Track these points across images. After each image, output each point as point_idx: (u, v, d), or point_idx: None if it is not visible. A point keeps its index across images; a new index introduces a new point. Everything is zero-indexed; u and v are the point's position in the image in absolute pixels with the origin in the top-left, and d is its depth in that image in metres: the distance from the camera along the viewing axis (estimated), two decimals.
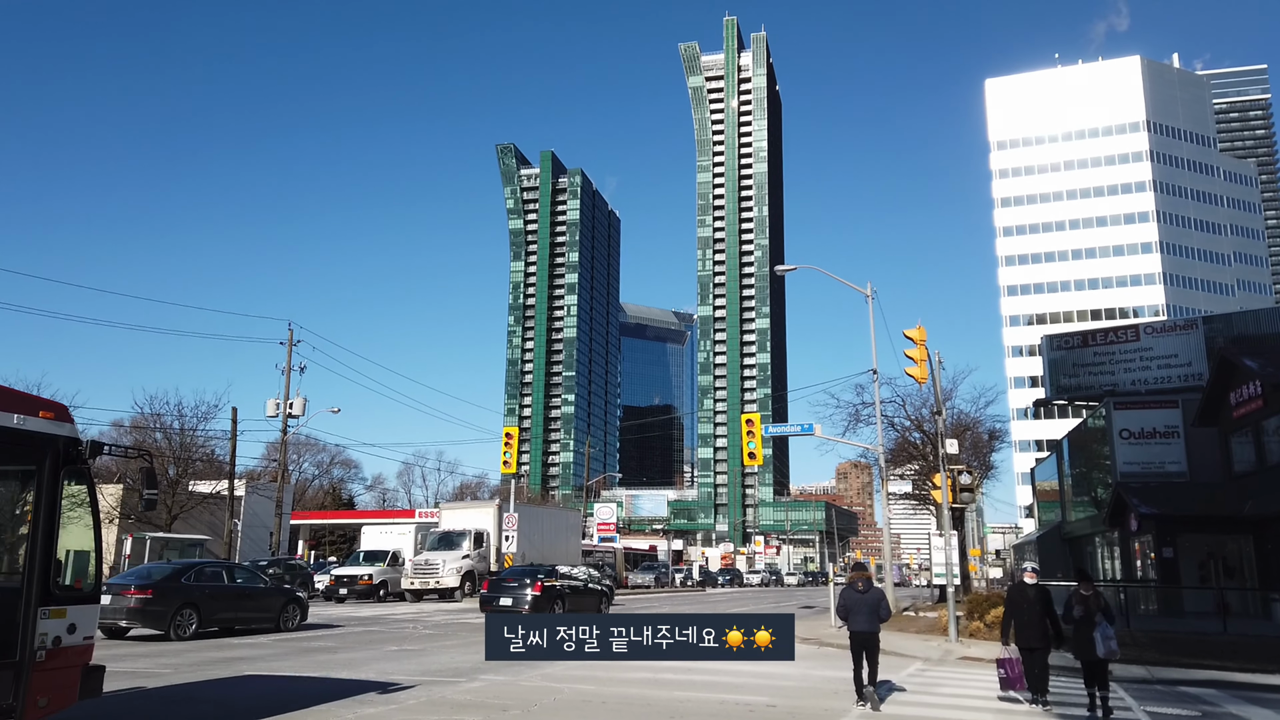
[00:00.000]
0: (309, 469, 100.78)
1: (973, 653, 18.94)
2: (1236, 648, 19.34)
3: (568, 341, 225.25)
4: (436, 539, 36.16)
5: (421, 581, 34.16)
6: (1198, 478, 31.47)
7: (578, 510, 50.40)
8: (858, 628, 12.51)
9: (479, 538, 36.04)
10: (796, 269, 32.42)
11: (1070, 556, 42.92)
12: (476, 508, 41.51)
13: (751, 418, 31.19)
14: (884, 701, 12.55)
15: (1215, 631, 21.51)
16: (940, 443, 20.30)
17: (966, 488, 20.02)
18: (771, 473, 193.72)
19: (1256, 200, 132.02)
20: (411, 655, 16.73)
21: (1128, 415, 33.14)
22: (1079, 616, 12.08)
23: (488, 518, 38.15)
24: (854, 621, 12.53)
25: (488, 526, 37.34)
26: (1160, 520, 27.68)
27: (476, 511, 39.85)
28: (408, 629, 22.46)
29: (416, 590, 34.44)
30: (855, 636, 12.59)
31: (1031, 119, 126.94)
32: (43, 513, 7.99)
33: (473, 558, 35.22)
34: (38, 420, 8.21)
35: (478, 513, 39.47)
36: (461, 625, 23.57)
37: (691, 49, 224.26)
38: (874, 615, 12.45)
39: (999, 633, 21.69)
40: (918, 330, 19.77)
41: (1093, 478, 39.88)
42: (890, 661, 17.20)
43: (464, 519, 38.89)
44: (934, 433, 42.03)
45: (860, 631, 12.49)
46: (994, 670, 13.21)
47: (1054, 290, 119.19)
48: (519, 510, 38.10)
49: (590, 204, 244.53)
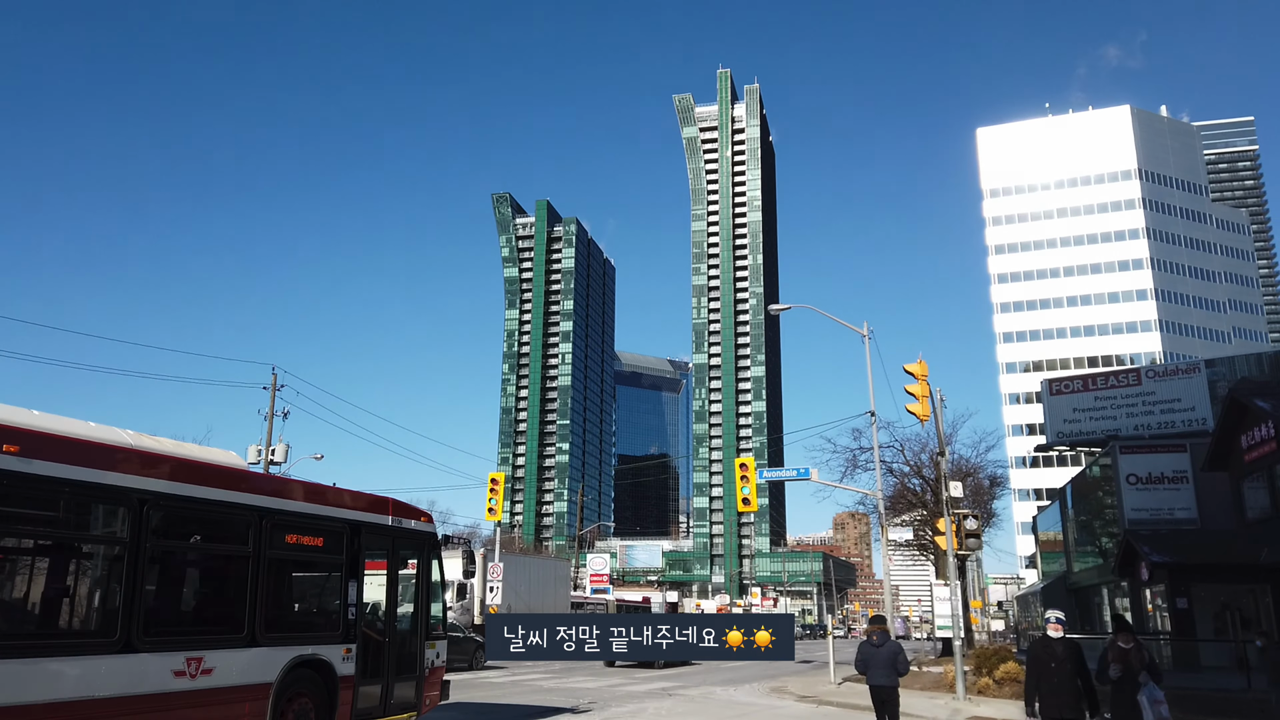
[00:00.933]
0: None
1: (982, 712, 17.63)
2: (1263, 706, 18.04)
3: (562, 390, 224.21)
4: None
5: None
6: (1209, 524, 30.29)
7: (567, 560, 48.42)
8: (876, 681, 12.21)
9: (461, 589, 34.27)
10: (791, 308, 31.64)
11: (1077, 607, 41.46)
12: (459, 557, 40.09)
13: (745, 461, 30.02)
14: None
15: (1238, 688, 20.18)
16: (944, 486, 19.18)
17: (972, 533, 18.86)
18: (768, 523, 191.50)
19: (1250, 248, 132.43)
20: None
21: (1134, 460, 32.03)
22: (1117, 677, 10.33)
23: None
24: (872, 675, 12.23)
25: (471, 578, 35.78)
26: (1173, 569, 26.44)
27: (459, 561, 38.34)
28: None
29: None
30: (874, 691, 12.32)
31: (1023, 167, 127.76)
32: (422, 583, 13.39)
33: (455, 610, 33.64)
34: (421, 523, 13.53)
35: (454, 562, 37.91)
36: None
37: (685, 100, 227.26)
38: (891, 669, 12.08)
39: (1009, 689, 20.42)
40: (919, 365, 18.79)
41: (1097, 526, 38.65)
42: None
43: (446, 569, 37.41)
44: (934, 478, 40.92)
45: (879, 686, 12.18)
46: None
47: (1050, 337, 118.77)
48: (504, 560, 36.70)
49: (585, 252, 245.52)
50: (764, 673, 29.96)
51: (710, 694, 20.69)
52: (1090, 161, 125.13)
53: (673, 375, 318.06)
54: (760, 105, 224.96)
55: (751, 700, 19.54)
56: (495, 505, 35.00)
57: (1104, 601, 37.94)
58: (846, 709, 18.24)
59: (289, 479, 12.99)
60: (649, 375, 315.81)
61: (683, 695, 20.03)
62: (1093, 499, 39.39)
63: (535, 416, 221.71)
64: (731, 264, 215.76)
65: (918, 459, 41.37)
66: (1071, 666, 10.15)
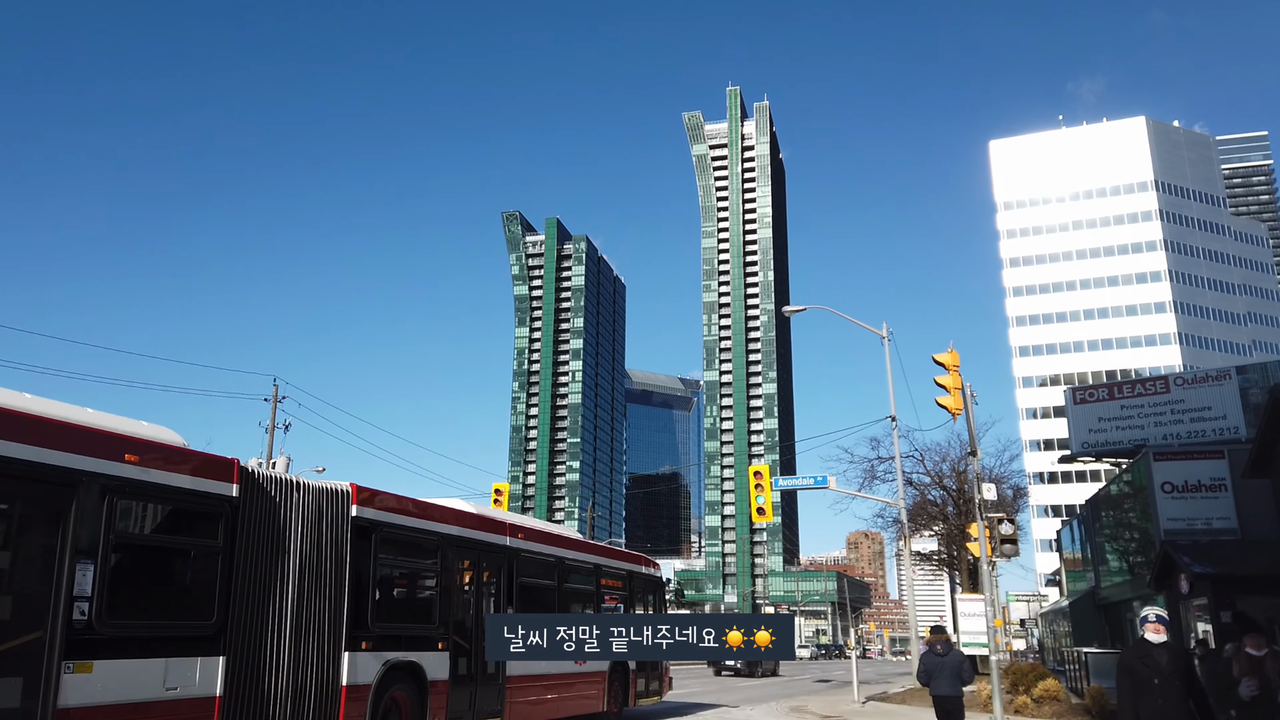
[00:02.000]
0: None
1: None
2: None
3: (572, 408, 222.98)
4: None
5: None
6: (1249, 534, 28.68)
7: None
8: (940, 692, 12.13)
9: None
10: (806, 309, 30.37)
11: (1106, 624, 39.71)
12: None
13: (760, 469, 28.75)
14: None
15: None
16: (976, 487, 17.78)
17: (1008, 538, 17.43)
18: (781, 541, 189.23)
19: (1269, 260, 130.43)
20: None
21: (1169, 467, 30.45)
22: (1250, 696, 8.16)
23: None
24: (936, 685, 12.14)
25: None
26: (1217, 581, 24.83)
27: None
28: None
29: None
30: (938, 701, 12.27)
31: (1037, 179, 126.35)
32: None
33: None
34: (652, 569, 19.22)
35: None
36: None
37: (695, 118, 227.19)
38: (956, 679, 12.06)
39: (1048, 709, 18.90)
40: (949, 354, 17.43)
41: (1128, 538, 37.01)
42: None
43: None
44: (955, 489, 39.44)
45: (943, 695, 12.11)
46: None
47: (1067, 351, 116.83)
48: None
49: (595, 270, 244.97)
50: (781, 691, 28.44)
51: (726, 714, 19.25)
52: (1105, 173, 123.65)
53: (684, 393, 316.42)
54: (770, 122, 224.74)
55: None
56: None
57: (1134, 616, 36.20)
58: None
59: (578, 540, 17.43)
60: (660, 393, 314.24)
61: (696, 718, 18.60)
62: (1122, 510, 37.76)
63: (545, 435, 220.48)
64: (742, 280, 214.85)
65: (938, 469, 39.96)
66: (1181, 682, 7.59)
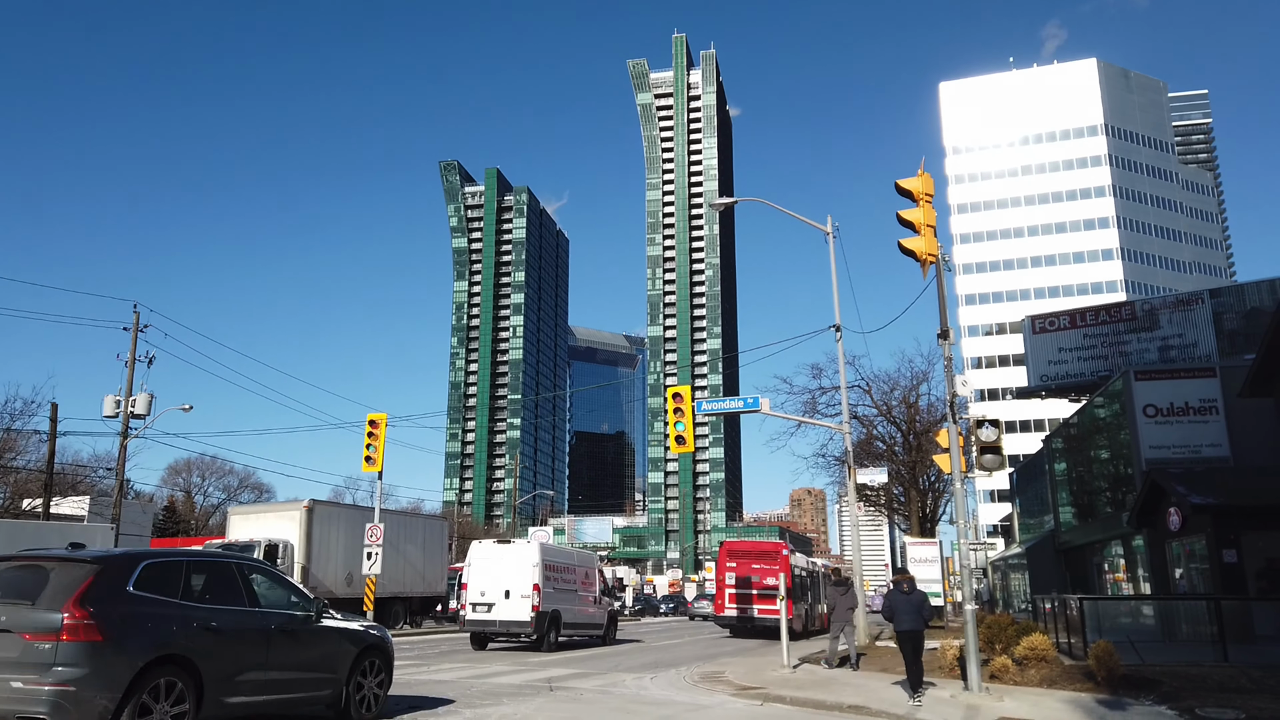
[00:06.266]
0: (215, 493, 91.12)
1: (1009, 709, 11.62)
2: None
3: (513, 364, 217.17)
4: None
5: None
6: (1243, 462, 24.82)
7: (442, 520, 40.23)
8: (904, 627, 13.02)
9: (271, 552, 25.62)
10: (739, 201, 25.47)
11: (1067, 570, 36.08)
12: (275, 511, 29.08)
13: (680, 391, 23.85)
14: None
15: None
16: (948, 378, 13.09)
17: (990, 446, 12.82)
18: (724, 497, 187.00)
19: (1215, 210, 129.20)
20: None
21: (1153, 388, 26.41)
22: None
23: (291, 525, 27.25)
24: (900, 621, 13.06)
25: (290, 537, 26.81)
26: (1219, 514, 20.78)
27: (273, 517, 28.29)
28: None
29: None
30: (902, 635, 13.10)
31: (987, 123, 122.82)
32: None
33: None
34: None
35: (275, 518, 28.06)
36: None
37: (640, 66, 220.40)
38: (918, 615, 13.03)
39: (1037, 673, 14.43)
40: (920, 179, 12.63)
41: (1095, 475, 33.18)
42: None
43: (256, 527, 27.73)
44: (905, 423, 35.24)
45: (907, 630, 13.00)
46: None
47: (1014, 299, 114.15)
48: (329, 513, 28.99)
49: (537, 223, 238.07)
50: (700, 653, 23.89)
51: (614, 686, 14.49)
52: (1055, 117, 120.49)
53: (629, 351, 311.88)
54: (717, 72, 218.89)
55: (667, 695, 13.35)
56: (375, 454, 28.38)
57: (1103, 561, 32.49)
58: (805, 708, 12.13)
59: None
60: (604, 350, 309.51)
61: (571, 689, 13.79)
62: (1090, 445, 33.89)
63: (485, 391, 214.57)
64: (687, 235, 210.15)
65: (886, 400, 35.67)
66: None
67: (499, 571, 23.91)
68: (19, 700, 7.05)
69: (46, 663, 7.10)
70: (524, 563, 23.88)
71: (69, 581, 7.55)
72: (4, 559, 8.29)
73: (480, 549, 25.52)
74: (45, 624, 7.22)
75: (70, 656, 7.13)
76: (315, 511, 28.07)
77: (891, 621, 13.17)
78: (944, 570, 29.55)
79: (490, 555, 24.81)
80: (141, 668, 7.46)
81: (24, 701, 7.04)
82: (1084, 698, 12.60)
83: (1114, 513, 28.81)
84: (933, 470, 34.66)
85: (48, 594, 7.45)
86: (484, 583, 23.81)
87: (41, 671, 7.08)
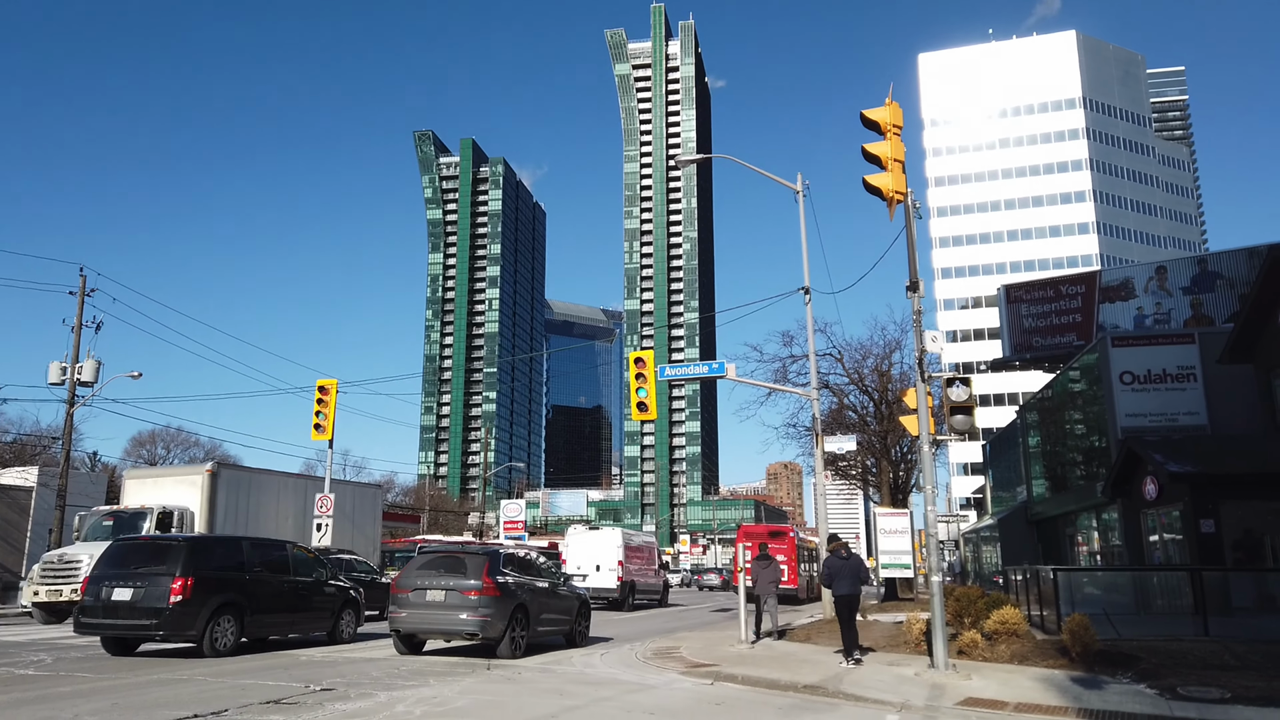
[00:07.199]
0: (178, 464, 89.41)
1: (978, 689, 10.73)
2: None
3: (489, 337, 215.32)
4: (98, 524, 23.15)
5: (50, 591, 20.70)
6: (1221, 430, 24.14)
7: (376, 488, 37.68)
8: (841, 591, 13.55)
9: (165, 520, 23.24)
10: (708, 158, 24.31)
11: (1040, 541, 35.56)
12: (175, 476, 26.41)
13: (642, 355, 22.84)
14: None
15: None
16: (916, 334, 12.07)
17: (960, 406, 11.86)
18: (700, 471, 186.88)
19: (1190, 185, 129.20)
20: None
21: (1130, 354, 25.63)
22: None
23: (192, 491, 24.65)
24: (838, 586, 13.59)
25: (190, 504, 24.36)
26: (1197, 483, 20.03)
27: (172, 482, 25.55)
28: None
29: (44, 604, 21.05)
30: (840, 600, 13.57)
31: (966, 95, 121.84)
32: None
33: None
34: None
35: (174, 483, 25.31)
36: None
37: (618, 35, 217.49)
38: (855, 579, 13.61)
39: (1007, 648, 13.52)
40: (887, 108, 11.49)
41: (1068, 446, 32.54)
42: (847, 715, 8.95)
43: (152, 493, 24.95)
44: (877, 393, 34.36)
45: (845, 595, 13.51)
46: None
47: (989, 273, 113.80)
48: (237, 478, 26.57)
49: (513, 195, 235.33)
50: (664, 626, 23.06)
51: (557, 664, 13.51)
52: (1033, 90, 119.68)
53: (606, 325, 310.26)
54: (696, 43, 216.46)
55: (612, 674, 12.38)
56: (325, 421, 27.19)
57: (1076, 533, 31.92)
58: (757, 688, 11.19)
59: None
60: (581, 324, 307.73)
61: (511, 666, 12.80)
62: (1063, 416, 33.22)
63: (460, 364, 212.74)
64: (665, 208, 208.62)
65: (858, 369, 34.74)
66: None
67: (591, 550, 30.99)
68: (464, 624, 13.73)
69: (474, 606, 13.73)
70: (610, 544, 31.03)
71: (477, 565, 14.23)
72: (437, 552, 15.52)
73: (575, 533, 33.22)
74: (472, 586, 13.85)
75: (485, 602, 13.76)
76: (221, 476, 25.61)
77: (829, 587, 13.68)
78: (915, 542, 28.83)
79: (584, 537, 32.28)
80: (513, 608, 14.14)
81: (466, 624, 13.73)
82: (1057, 675, 11.76)
83: (1088, 483, 28.15)
84: (905, 440, 33.82)
85: (469, 571, 14.11)
86: (579, 558, 30.85)
87: (473, 610, 13.72)
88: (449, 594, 13.71)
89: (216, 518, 24.91)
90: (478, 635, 13.68)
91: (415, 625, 13.88)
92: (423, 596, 13.81)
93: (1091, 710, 9.38)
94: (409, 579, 14.17)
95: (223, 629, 13.54)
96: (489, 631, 13.59)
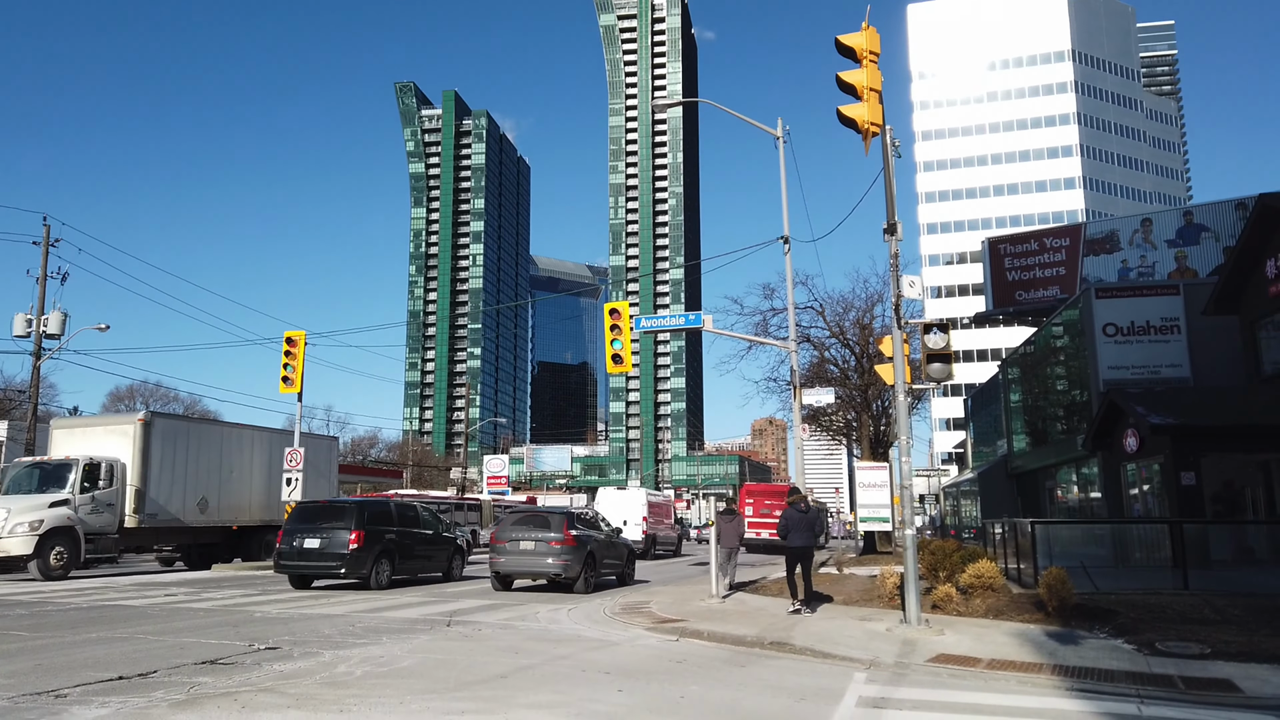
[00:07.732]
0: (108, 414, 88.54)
1: (950, 644, 10.39)
2: None
3: (473, 293, 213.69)
4: (21, 475, 22.29)
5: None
6: (1204, 382, 23.89)
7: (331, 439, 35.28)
8: (795, 543, 13.78)
9: (92, 472, 22.26)
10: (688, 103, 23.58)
11: (1019, 496, 35.52)
12: (104, 425, 24.93)
13: (617, 307, 22.26)
14: None
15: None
16: (893, 279, 11.54)
17: (938, 353, 11.40)
18: (685, 426, 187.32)
19: (1177, 140, 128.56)
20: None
21: (1113, 306, 25.26)
22: None
23: (123, 441, 23.42)
24: (792, 538, 13.77)
25: (121, 455, 23.18)
26: (1179, 435, 19.76)
27: (102, 431, 24.18)
28: None
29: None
30: (790, 551, 13.84)
31: (954, 47, 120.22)
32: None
33: (74, 505, 21.54)
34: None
35: (104, 433, 23.97)
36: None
37: None
38: (809, 532, 13.80)
39: (982, 603, 13.16)
40: (864, 33, 10.85)
41: (1050, 399, 32.32)
42: (814, 672, 8.55)
43: (80, 443, 23.74)
44: (859, 346, 33.95)
45: (795, 547, 13.79)
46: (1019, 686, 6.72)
47: (975, 228, 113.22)
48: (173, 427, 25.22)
49: (497, 149, 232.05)
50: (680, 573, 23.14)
51: (521, 620, 13.12)
52: (1022, 42, 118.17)
53: (591, 281, 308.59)
54: None
55: (575, 631, 11.99)
56: (293, 374, 26.55)
57: (1056, 485, 31.83)
58: (723, 645, 10.81)
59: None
60: (567, 280, 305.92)
61: (472, 623, 12.41)
62: (1045, 368, 32.96)
63: (445, 320, 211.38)
64: (651, 162, 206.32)
65: (840, 323, 34.29)
66: None
67: (620, 507, 35.11)
68: (550, 567, 17.43)
69: (558, 554, 17.41)
70: (636, 502, 36.22)
71: (559, 521, 17.85)
72: (525, 511, 19.62)
73: (606, 493, 38.87)
74: (556, 538, 17.49)
75: (565, 550, 17.45)
76: (154, 425, 24.26)
77: (784, 539, 13.83)
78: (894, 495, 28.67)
79: (614, 496, 37.68)
80: (585, 555, 17.68)
81: (552, 567, 17.41)
82: (1033, 630, 11.44)
83: (1068, 437, 27.95)
84: (886, 394, 33.50)
85: (553, 526, 17.72)
86: (610, 515, 32.36)
87: (556, 556, 17.41)
88: (538, 544, 17.47)
89: (150, 470, 23.71)
90: (560, 575, 17.27)
91: (511, 568, 17.69)
92: (517, 545, 17.58)
93: (1067, 667, 9.04)
94: (505, 532, 17.92)
95: (381, 568, 18.20)
96: (569, 573, 17.23)
